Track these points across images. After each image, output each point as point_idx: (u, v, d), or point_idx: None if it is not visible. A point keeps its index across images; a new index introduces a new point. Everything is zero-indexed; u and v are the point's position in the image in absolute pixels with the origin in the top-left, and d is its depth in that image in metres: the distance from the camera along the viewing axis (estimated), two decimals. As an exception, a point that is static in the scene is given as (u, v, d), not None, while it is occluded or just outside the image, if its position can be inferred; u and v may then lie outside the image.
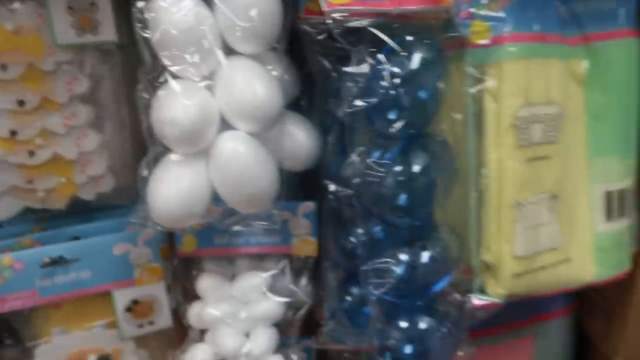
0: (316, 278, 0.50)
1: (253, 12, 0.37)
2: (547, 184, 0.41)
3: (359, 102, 0.37)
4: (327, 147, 0.43)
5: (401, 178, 0.38)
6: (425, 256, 0.40)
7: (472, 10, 0.38)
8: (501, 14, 0.39)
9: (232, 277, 0.51)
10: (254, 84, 0.38)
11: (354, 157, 0.40)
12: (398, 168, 0.38)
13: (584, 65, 0.42)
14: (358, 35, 0.37)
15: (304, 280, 0.50)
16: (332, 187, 0.42)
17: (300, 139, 0.44)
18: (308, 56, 0.41)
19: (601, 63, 0.42)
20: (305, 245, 0.49)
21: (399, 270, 0.39)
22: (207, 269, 0.52)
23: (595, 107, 0.43)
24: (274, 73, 0.41)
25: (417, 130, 0.38)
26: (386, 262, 0.39)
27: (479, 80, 0.39)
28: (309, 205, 0.48)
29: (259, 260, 0.52)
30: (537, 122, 0.40)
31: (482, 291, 0.42)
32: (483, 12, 0.38)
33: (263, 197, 0.39)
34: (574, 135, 0.43)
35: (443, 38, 0.39)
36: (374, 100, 0.37)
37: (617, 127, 0.44)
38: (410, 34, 0.37)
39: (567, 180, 0.43)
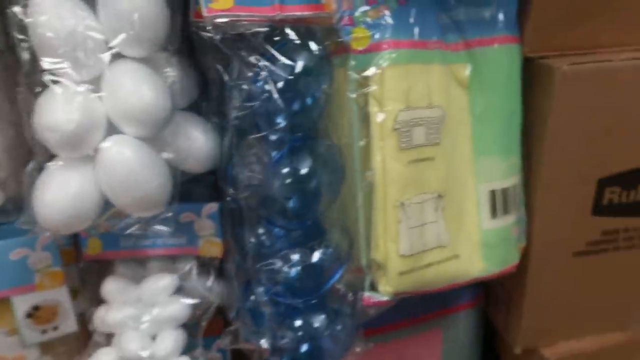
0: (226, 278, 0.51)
1: (135, 16, 0.37)
2: (432, 184, 0.43)
3: (244, 107, 0.38)
4: (223, 149, 0.44)
5: (288, 181, 0.39)
6: (315, 256, 0.41)
7: (354, 16, 0.40)
8: (382, 21, 0.40)
9: (143, 280, 0.51)
10: (141, 88, 0.38)
11: (243, 161, 0.40)
12: (285, 171, 0.39)
13: (466, 69, 0.44)
14: (243, 41, 0.38)
15: (210, 281, 0.50)
16: (228, 190, 0.43)
17: (198, 141, 0.44)
18: (200, 59, 0.42)
19: (483, 68, 0.45)
20: (211, 246, 0.49)
21: (290, 270, 0.40)
22: (118, 272, 0.52)
23: (478, 109, 0.45)
24: (171, 75, 0.42)
25: (303, 134, 0.39)
26: (277, 263, 0.40)
27: (363, 85, 0.41)
28: (212, 207, 0.48)
29: (170, 261, 0.53)
30: (419, 125, 0.42)
31: (373, 289, 0.43)
32: (364, 19, 0.40)
33: (152, 200, 0.39)
34: (459, 137, 0.45)
35: (327, 44, 0.40)
36: (258, 105, 0.37)
37: (498, 128, 0.46)
38: (294, 40, 0.38)
39: (453, 179, 0.45)
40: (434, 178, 0.43)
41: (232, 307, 0.49)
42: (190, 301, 0.49)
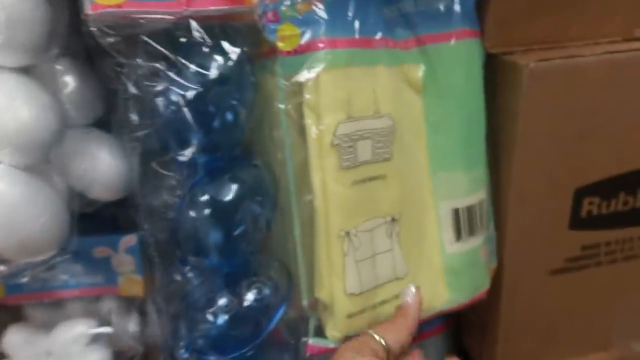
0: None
1: (1, 17, 0.30)
2: (384, 206, 0.37)
3: (146, 124, 0.31)
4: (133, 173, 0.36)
5: (206, 212, 0.32)
6: (248, 299, 0.34)
7: (279, 11, 0.33)
8: (314, 16, 0.33)
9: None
10: (14, 104, 0.31)
11: (154, 188, 0.33)
12: (202, 200, 0.32)
13: (419, 70, 0.38)
14: (142, 44, 0.31)
15: (133, 325, 0.43)
16: (140, 222, 0.36)
17: (105, 163, 0.37)
18: (97, 64, 0.35)
19: (438, 67, 0.38)
20: (132, 284, 0.42)
21: (215, 320, 0.33)
22: (28, 318, 0.44)
23: (433, 117, 0.39)
24: (65, 86, 0.35)
25: (224, 154, 0.33)
26: (199, 312, 0.33)
27: (294, 94, 0.34)
28: (130, 239, 0.41)
29: (95, 301, 0.45)
30: (364, 138, 0.35)
31: (318, 333, 0.37)
32: (292, 14, 0.33)
33: (38, 242, 0.32)
34: (414, 150, 0.39)
35: (250, 45, 0.33)
36: (163, 121, 0.30)
37: (458, 138, 0.39)
38: (205, 42, 0.31)
39: (409, 199, 0.39)
40: (386, 199, 0.37)
41: (159, 356, 0.42)
42: (108, 350, 0.42)
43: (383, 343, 0.32)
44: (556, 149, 0.43)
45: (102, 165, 0.37)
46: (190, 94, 0.31)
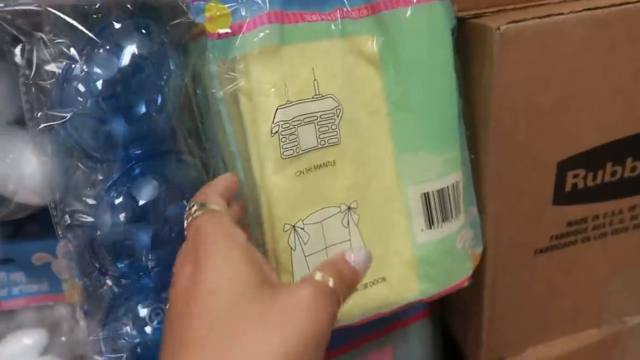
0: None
1: None
2: (336, 195, 0.33)
3: (52, 116, 0.27)
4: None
5: (125, 216, 0.28)
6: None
7: (205, -12, 0.28)
8: (244, -8, 0.29)
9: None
10: None
11: (72, 189, 0.30)
12: (120, 202, 0.28)
13: (373, 43, 0.33)
14: (42, 20, 0.27)
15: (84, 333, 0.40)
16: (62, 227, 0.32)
17: (31, 165, 0.33)
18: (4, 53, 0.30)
19: (396, 38, 0.33)
20: (76, 291, 0.39)
21: (139, 332, 0.30)
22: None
23: (395, 94, 0.34)
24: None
25: (145, 150, 0.29)
26: (119, 324, 0.30)
27: (230, 80, 0.30)
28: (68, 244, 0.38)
29: (48, 308, 0.42)
30: (306, 123, 0.31)
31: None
32: (219, -9, 0.28)
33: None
34: (373, 131, 0.35)
35: (171, 26, 0.29)
36: (72, 113, 0.26)
37: (424, 117, 0.35)
38: (120, 20, 0.27)
39: (369, 186, 0.35)
40: (337, 188, 0.33)
41: None
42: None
43: None
44: (535, 121, 0.39)
45: (27, 167, 0.33)
46: (99, 82, 0.26)
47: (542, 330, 0.51)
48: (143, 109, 0.27)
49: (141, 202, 0.28)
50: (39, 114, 0.28)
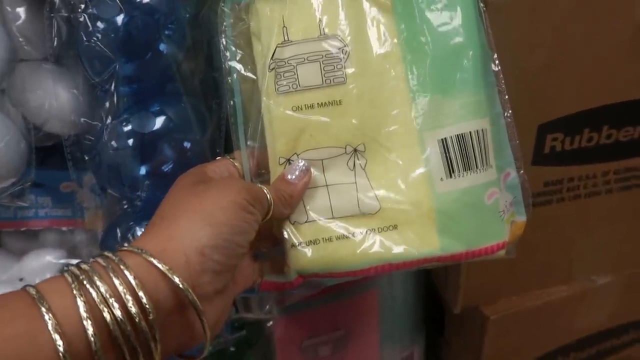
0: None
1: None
2: (342, 134, 0.34)
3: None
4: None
5: (127, 144, 0.32)
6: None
7: None
8: None
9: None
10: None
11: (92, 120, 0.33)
12: (124, 132, 0.32)
13: None
14: None
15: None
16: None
17: (61, 98, 0.37)
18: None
19: None
20: (96, 220, 0.43)
21: None
22: (6, 245, 0.46)
23: (409, 37, 0.35)
24: (22, 18, 0.34)
25: (149, 88, 0.32)
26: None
27: (240, 20, 0.33)
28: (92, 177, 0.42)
29: (67, 233, 0.47)
30: (309, 62, 0.33)
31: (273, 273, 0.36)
32: None
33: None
34: (386, 73, 0.35)
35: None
36: (83, 48, 0.30)
37: (438, 59, 0.35)
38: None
39: (380, 128, 0.35)
40: (343, 127, 0.34)
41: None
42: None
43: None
44: (519, 83, 0.43)
45: (58, 100, 0.37)
46: (110, 21, 0.30)
47: (515, 282, 0.55)
48: (148, 48, 0.30)
49: (140, 133, 0.31)
50: (69, 52, 0.31)
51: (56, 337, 0.20)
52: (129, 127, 0.32)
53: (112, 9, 0.29)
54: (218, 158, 0.36)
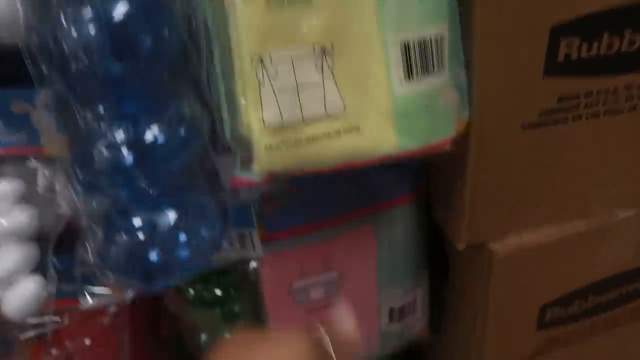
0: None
1: None
2: (309, 34, 0.32)
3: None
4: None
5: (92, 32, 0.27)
6: (151, 134, 0.30)
7: None
8: None
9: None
10: None
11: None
12: (87, 18, 0.27)
13: None
14: None
15: (60, 186, 0.40)
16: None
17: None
18: None
19: None
20: (55, 143, 0.39)
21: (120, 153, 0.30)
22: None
23: None
24: None
25: None
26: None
27: None
28: (48, 94, 0.37)
29: (26, 160, 0.43)
30: None
31: (245, 168, 0.34)
32: None
33: None
34: None
35: None
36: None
37: None
38: None
39: (347, 28, 0.33)
40: (312, 27, 0.32)
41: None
42: (36, 211, 0.40)
43: None
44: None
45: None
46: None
47: (526, 214, 0.50)
48: None
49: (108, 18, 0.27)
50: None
51: None
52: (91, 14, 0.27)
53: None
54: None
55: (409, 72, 0.36)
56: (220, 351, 0.33)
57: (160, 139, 0.31)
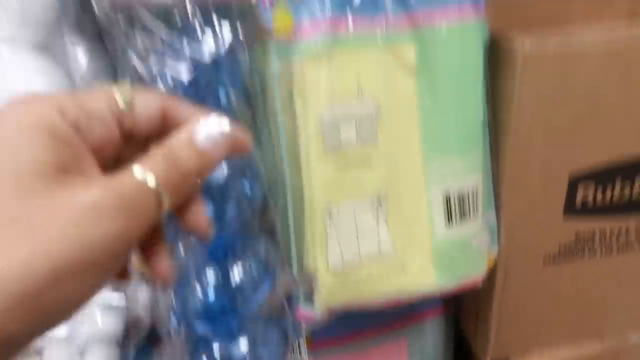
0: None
1: None
2: (369, 187, 0.38)
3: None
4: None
5: None
6: (236, 273, 0.36)
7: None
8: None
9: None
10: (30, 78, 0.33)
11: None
12: None
13: (412, 52, 0.38)
14: (133, 22, 0.32)
15: (136, 291, 0.45)
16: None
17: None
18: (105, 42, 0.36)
19: (432, 51, 0.38)
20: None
21: (204, 293, 0.35)
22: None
23: (427, 100, 0.39)
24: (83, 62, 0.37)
25: None
26: (190, 285, 0.35)
27: (287, 79, 0.35)
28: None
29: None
30: (348, 122, 0.36)
31: (308, 302, 0.38)
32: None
33: None
34: (406, 131, 0.39)
35: (248, 27, 0.34)
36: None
37: (452, 122, 0.40)
38: (201, 24, 0.33)
39: (400, 181, 0.39)
40: (371, 181, 0.38)
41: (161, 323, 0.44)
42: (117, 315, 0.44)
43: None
44: (551, 135, 0.44)
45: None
46: (183, 76, 0.32)
47: (547, 334, 0.54)
48: (214, 102, 0.32)
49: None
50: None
51: None
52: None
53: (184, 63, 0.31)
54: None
55: (448, 219, 0.41)
56: None
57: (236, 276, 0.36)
